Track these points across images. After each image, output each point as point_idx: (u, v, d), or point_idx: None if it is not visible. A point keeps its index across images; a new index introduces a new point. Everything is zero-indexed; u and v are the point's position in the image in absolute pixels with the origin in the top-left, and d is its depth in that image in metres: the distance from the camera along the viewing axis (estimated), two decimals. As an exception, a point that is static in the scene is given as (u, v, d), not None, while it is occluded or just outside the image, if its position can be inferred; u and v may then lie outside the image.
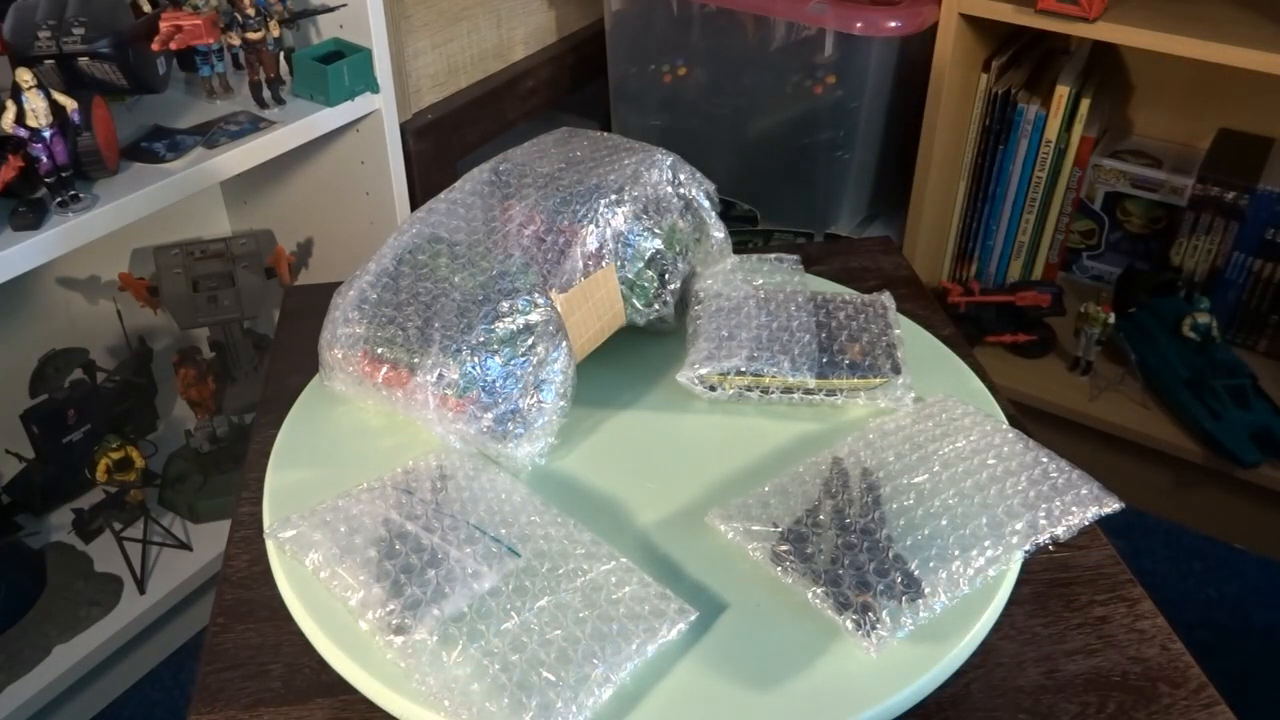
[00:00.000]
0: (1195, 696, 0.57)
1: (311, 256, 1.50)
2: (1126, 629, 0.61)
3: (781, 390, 0.71)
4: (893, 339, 0.74)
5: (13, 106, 0.95)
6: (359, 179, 1.35)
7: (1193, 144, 1.66)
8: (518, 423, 0.64)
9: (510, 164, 0.75)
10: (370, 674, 0.54)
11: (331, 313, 0.69)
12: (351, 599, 0.56)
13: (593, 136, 0.78)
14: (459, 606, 0.55)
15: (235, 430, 1.40)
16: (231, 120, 1.18)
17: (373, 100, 1.26)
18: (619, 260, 0.71)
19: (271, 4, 1.19)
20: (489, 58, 1.57)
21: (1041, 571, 0.64)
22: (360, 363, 0.67)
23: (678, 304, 0.77)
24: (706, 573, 0.59)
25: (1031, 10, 1.35)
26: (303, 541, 0.59)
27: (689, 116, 1.66)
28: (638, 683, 0.53)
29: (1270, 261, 1.50)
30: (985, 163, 1.60)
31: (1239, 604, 1.45)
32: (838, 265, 0.93)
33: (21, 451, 1.32)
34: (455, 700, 0.51)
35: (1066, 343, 1.60)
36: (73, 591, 1.25)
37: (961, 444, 0.65)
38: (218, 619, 0.62)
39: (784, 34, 1.51)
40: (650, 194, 0.73)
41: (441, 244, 0.69)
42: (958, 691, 0.57)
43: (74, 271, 1.38)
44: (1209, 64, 1.29)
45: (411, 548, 0.58)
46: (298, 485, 0.66)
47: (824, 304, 0.77)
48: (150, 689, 1.35)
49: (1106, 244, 1.71)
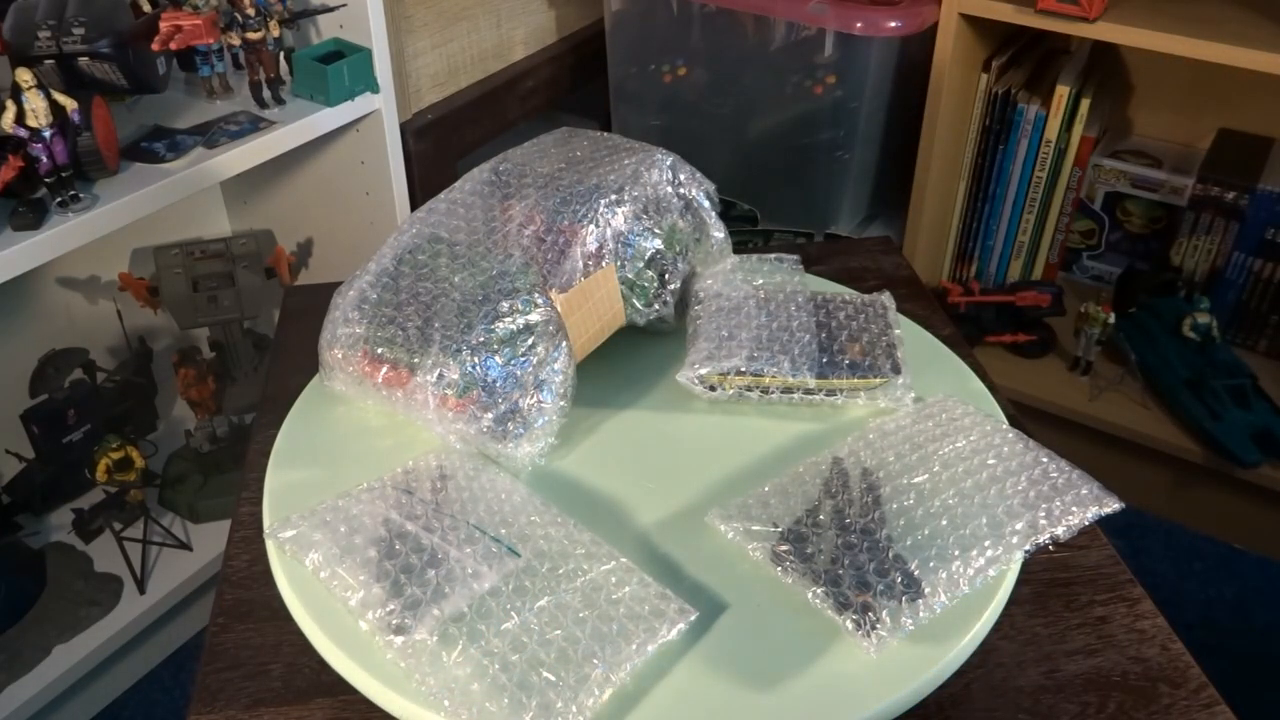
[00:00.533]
0: (1195, 696, 0.57)
1: (311, 256, 1.50)
2: (1126, 629, 0.61)
3: (781, 390, 0.71)
4: (893, 339, 0.74)
5: (13, 106, 0.95)
6: (359, 179, 1.35)
7: (1193, 144, 1.66)
8: (518, 423, 0.64)
9: (510, 164, 0.75)
10: (370, 674, 0.54)
11: (331, 313, 0.69)
12: (351, 599, 0.55)
13: (593, 136, 0.78)
14: (459, 606, 0.55)
15: (235, 430, 1.40)
16: (231, 120, 1.18)
17: (373, 100, 1.26)
18: (619, 260, 0.71)
19: (271, 4, 1.19)
20: (489, 58, 1.57)
21: (1041, 571, 0.64)
22: (360, 363, 0.67)
23: (678, 304, 0.77)
24: (706, 573, 0.59)
25: (1031, 10, 1.35)
26: (303, 541, 0.59)
27: (689, 116, 1.66)
28: (638, 683, 0.53)
29: (1270, 261, 1.50)
30: (985, 163, 1.60)
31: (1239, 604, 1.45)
32: (838, 265, 0.93)
33: (21, 451, 1.32)
34: (455, 700, 0.51)
35: (1066, 343, 1.60)
36: (73, 591, 1.25)
37: (961, 444, 0.65)
38: (218, 619, 0.62)
39: (784, 34, 1.51)
40: (650, 194, 0.73)
41: (441, 244, 0.69)
42: (958, 691, 0.57)
43: (74, 271, 1.38)
44: (1209, 64, 1.29)
45: (411, 548, 0.58)
46: (298, 485, 0.66)
47: (824, 304, 0.77)
48: (150, 689, 1.35)
49: (1106, 244, 1.71)
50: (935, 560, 0.57)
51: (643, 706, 0.52)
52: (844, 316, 0.76)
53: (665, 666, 0.54)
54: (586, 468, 0.67)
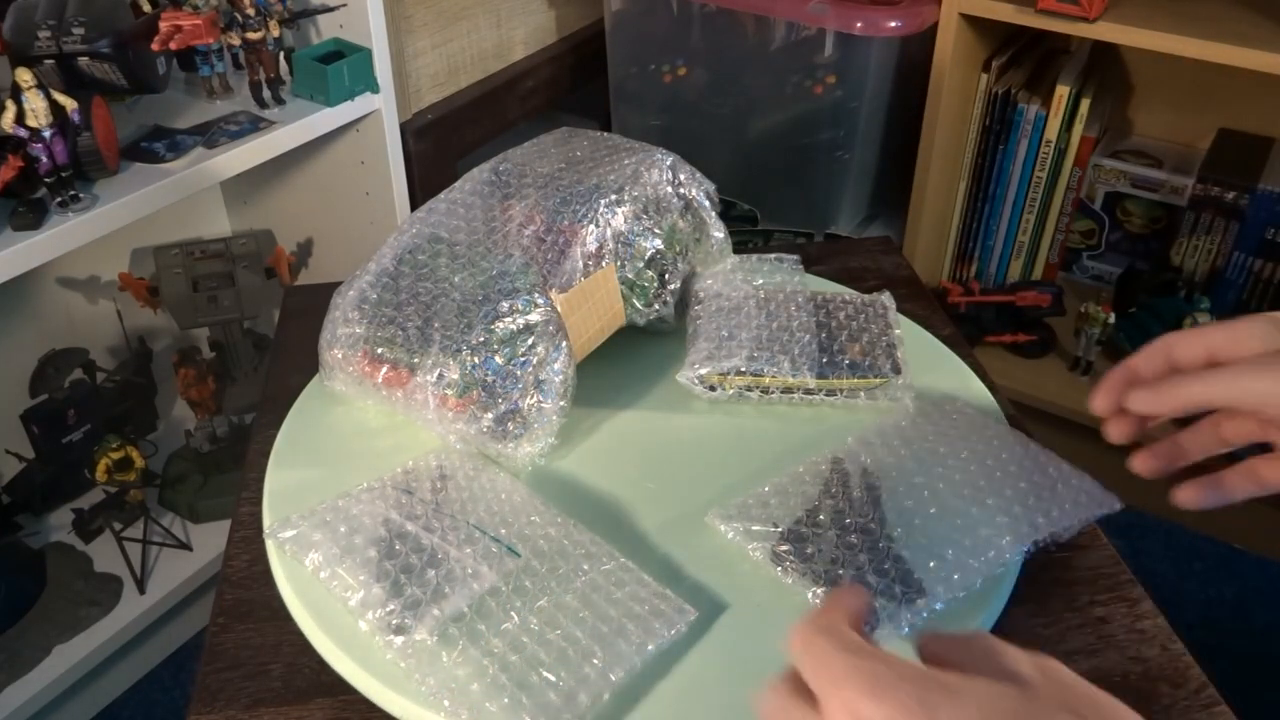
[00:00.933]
0: (1195, 696, 0.57)
1: (311, 256, 1.50)
2: (1126, 629, 0.61)
3: (781, 390, 0.71)
4: (893, 339, 0.74)
5: (13, 106, 0.95)
6: (359, 179, 1.35)
7: (1193, 144, 1.66)
8: (518, 423, 0.64)
9: (510, 164, 0.75)
10: (370, 674, 0.54)
11: (331, 313, 0.69)
12: (351, 599, 0.55)
13: (592, 136, 0.78)
14: (459, 607, 0.55)
15: (235, 430, 1.40)
16: (231, 120, 1.18)
17: (373, 100, 1.26)
18: (619, 260, 0.71)
19: (271, 4, 1.19)
20: (489, 58, 1.57)
21: (1041, 571, 0.64)
22: (360, 363, 0.67)
23: (677, 304, 0.77)
24: (706, 573, 0.59)
25: (1031, 10, 1.35)
26: (303, 541, 0.59)
27: (689, 116, 1.66)
28: (637, 683, 0.52)
29: (1270, 261, 1.50)
30: (985, 163, 1.60)
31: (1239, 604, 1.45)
32: (838, 265, 0.93)
33: (21, 451, 1.32)
34: (455, 700, 0.51)
35: (1066, 343, 1.60)
36: (73, 591, 1.25)
37: (961, 444, 0.65)
38: (218, 619, 0.62)
39: (784, 34, 1.51)
40: (650, 194, 0.73)
41: (441, 244, 0.69)
42: (958, 691, 0.57)
43: (74, 271, 1.38)
44: (1209, 64, 1.29)
45: (411, 548, 0.58)
46: (298, 485, 0.66)
47: (824, 304, 0.77)
48: (150, 689, 1.35)
49: (1106, 244, 1.71)
50: (935, 561, 0.57)
51: (642, 707, 0.52)
52: (844, 316, 0.76)
53: (665, 667, 0.54)
54: (586, 468, 0.67)
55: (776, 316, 0.75)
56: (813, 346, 0.72)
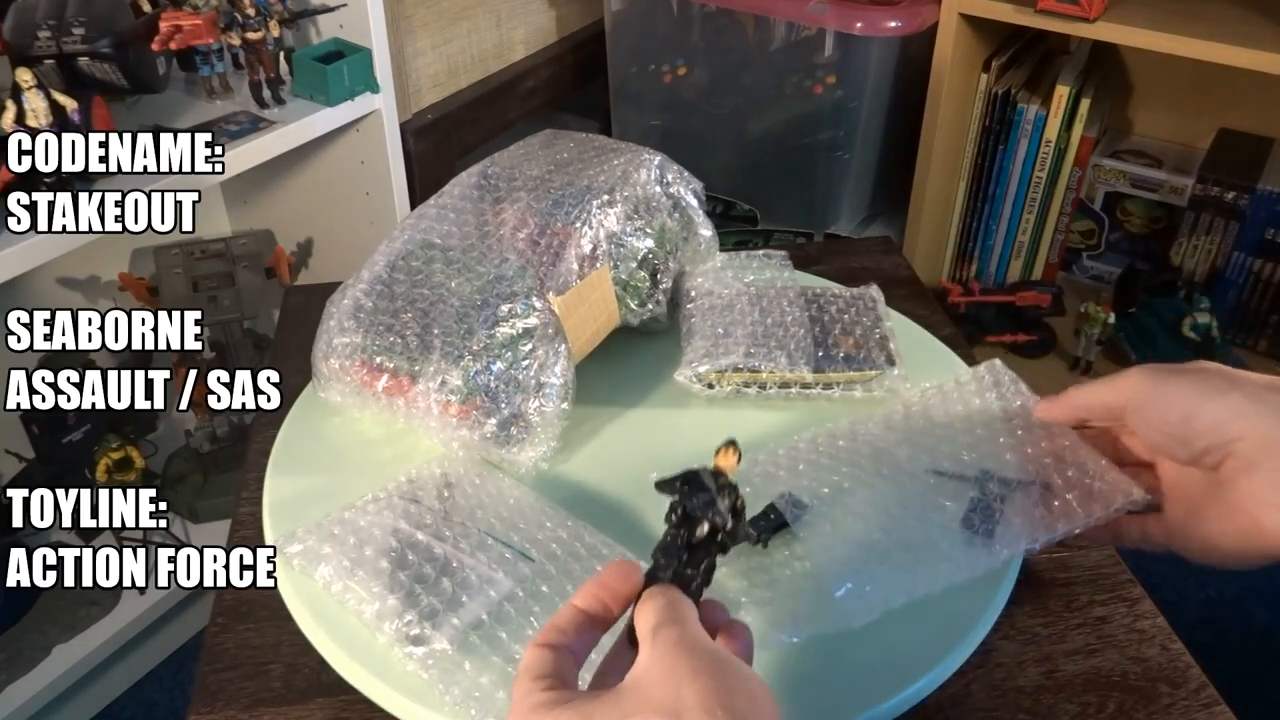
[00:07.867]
0: (1195, 696, 0.57)
1: (311, 256, 1.50)
2: (1126, 629, 0.61)
3: (778, 385, 0.71)
4: (885, 331, 0.74)
5: (13, 106, 0.95)
6: (359, 179, 1.35)
7: (1193, 144, 1.66)
8: (520, 427, 0.64)
9: (498, 167, 0.74)
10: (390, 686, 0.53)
11: (325, 322, 0.68)
12: (366, 612, 0.55)
13: (578, 138, 0.78)
14: (476, 614, 0.54)
15: (235, 430, 1.40)
16: (231, 120, 1.18)
17: (373, 100, 1.26)
18: (612, 261, 0.71)
19: (271, 4, 1.18)
20: (489, 58, 1.57)
21: (1041, 571, 0.64)
22: (358, 372, 0.66)
23: (669, 303, 0.77)
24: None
25: (1031, 10, 1.35)
26: (311, 555, 0.58)
27: (689, 116, 1.65)
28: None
29: (1270, 261, 1.50)
30: (985, 163, 1.60)
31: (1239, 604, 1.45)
32: (837, 265, 0.93)
33: (21, 451, 1.32)
34: (481, 708, 0.50)
35: (1066, 343, 1.60)
36: (73, 591, 1.25)
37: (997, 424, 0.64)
38: (218, 619, 0.62)
39: (784, 34, 1.51)
40: (640, 194, 0.73)
41: (434, 249, 0.68)
42: (958, 691, 0.57)
43: (74, 271, 1.38)
44: (1209, 64, 1.29)
45: (424, 557, 0.57)
46: (297, 492, 0.65)
47: (815, 299, 0.77)
48: (150, 689, 1.35)
49: (1106, 244, 1.71)
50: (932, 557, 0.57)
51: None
52: (835, 310, 0.76)
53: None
54: (589, 470, 0.67)
55: (770, 312, 0.75)
56: (807, 341, 0.72)
